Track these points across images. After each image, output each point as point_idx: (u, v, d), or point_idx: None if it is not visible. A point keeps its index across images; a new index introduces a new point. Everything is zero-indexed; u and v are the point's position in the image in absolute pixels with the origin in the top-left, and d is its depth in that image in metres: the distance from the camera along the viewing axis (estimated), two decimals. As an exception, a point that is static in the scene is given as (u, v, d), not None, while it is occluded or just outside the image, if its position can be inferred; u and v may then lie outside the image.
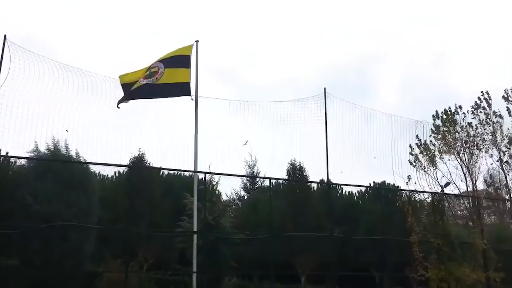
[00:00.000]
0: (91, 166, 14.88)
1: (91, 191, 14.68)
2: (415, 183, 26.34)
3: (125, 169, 18.18)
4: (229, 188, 25.42)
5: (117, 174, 20.97)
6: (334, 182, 19.42)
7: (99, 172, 18.11)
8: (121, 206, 14.75)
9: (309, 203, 20.97)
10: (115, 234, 14.59)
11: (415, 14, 59.56)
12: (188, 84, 13.25)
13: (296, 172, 22.35)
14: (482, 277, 15.73)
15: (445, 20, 58.31)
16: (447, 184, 26.97)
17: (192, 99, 13.38)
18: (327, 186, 18.30)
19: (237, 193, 27.22)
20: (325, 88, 16.46)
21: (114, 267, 13.92)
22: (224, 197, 19.62)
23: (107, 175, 20.42)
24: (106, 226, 15.09)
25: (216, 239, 14.03)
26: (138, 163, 18.93)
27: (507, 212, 25.00)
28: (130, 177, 17.46)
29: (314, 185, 23.10)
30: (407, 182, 25.59)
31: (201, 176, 14.05)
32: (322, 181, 19.54)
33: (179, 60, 13.44)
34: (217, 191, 17.64)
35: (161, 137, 15.16)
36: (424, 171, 27.38)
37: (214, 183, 16.62)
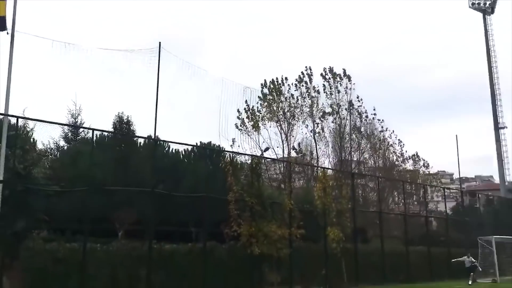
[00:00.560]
0: None
1: None
2: (239, 146, 28.08)
3: None
4: (47, 137, 23.34)
5: None
6: (162, 139, 19.43)
7: None
8: None
9: (134, 159, 20.55)
10: None
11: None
12: (3, 17, 12.03)
13: (123, 126, 21.59)
14: (286, 233, 17.77)
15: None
16: (267, 148, 29.39)
17: (7, 33, 12.16)
18: (154, 143, 18.21)
19: (56, 143, 25.17)
20: (160, 43, 16.18)
21: None
22: (40, 146, 17.90)
23: None
24: None
25: (25, 189, 12.93)
26: None
27: (313, 177, 28.22)
28: None
29: (141, 141, 22.68)
30: (231, 145, 27.12)
31: (13, 120, 12.85)
32: (149, 137, 19.33)
33: None
34: (32, 139, 16.06)
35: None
36: (248, 135, 29.29)
37: (28, 129, 15.13)
